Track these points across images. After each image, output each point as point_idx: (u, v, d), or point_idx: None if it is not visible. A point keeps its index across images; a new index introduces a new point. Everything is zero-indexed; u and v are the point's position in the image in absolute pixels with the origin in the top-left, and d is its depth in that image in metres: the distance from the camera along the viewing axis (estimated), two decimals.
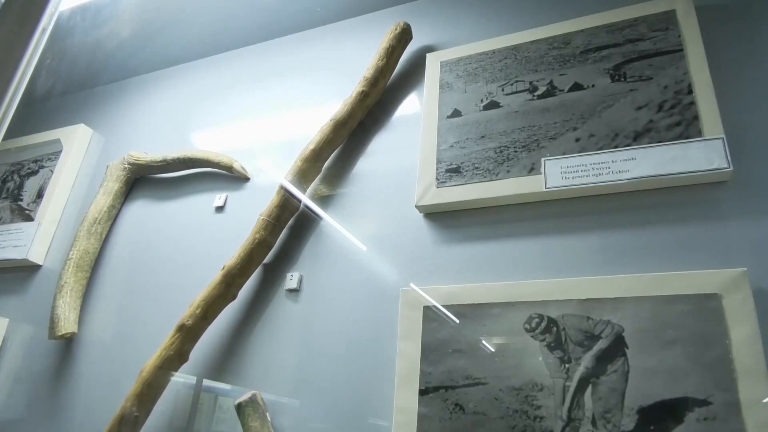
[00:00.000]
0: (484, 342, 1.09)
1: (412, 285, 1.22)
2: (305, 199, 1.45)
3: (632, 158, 1.12)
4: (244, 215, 1.54)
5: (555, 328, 1.05)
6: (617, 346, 0.99)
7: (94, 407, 1.47)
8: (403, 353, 1.16)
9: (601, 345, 1.00)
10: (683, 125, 1.12)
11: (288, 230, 1.45)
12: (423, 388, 1.10)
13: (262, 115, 1.73)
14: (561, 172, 1.17)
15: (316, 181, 1.48)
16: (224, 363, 1.37)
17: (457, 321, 1.13)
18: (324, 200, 1.47)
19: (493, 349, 1.08)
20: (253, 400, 1.22)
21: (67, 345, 1.62)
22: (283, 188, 1.41)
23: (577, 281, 1.08)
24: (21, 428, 1.56)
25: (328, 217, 1.44)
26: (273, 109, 1.73)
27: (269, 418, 1.22)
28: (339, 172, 1.49)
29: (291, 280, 1.39)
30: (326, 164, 1.49)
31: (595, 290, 1.05)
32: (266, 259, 1.43)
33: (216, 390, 1.35)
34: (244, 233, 1.40)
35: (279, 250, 1.45)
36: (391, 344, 1.19)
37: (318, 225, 1.44)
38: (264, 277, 1.43)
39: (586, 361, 1.00)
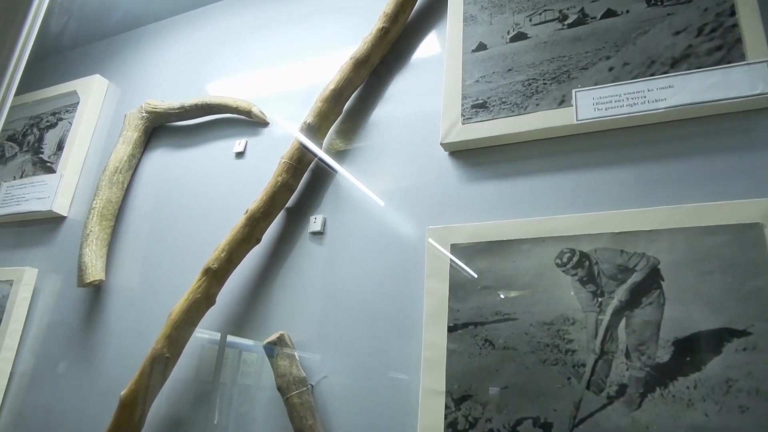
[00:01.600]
0: (513, 278, 1.07)
1: (438, 223, 1.20)
2: (325, 141, 1.42)
3: (669, 86, 1.07)
4: (264, 160, 1.52)
5: (587, 263, 1.02)
6: (652, 279, 0.97)
7: (126, 350, 1.50)
8: (430, 291, 1.14)
9: (635, 278, 0.98)
10: (725, 49, 1.06)
11: (310, 173, 1.43)
12: (452, 324, 1.10)
13: (280, 61, 1.68)
14: (593, 104, 1.12)
15: (337, 122, 1.44)
16: (250, 306, 1.38)
17: (483, 261, 1.11)
18: (346, 143, 1.43)
19: (522, 285, 1.06)
20: (281, 340, 1.23)
21: (96, 293, 1.64)
22: (303, 129, 1.38)
23: (610, 215, 1.04)
24: (56, 373, 1.60)
25: (349, 161, 1.41)
26: (291, 54, 1.68)
27: (297, 357, 1.23)
28: (361, 114, 1.45)
29: (315, 222, 1.37)
30: (347, 106, 1.45)
31: (629, 223, 1.02)
32: (289, 203, 1.41)
33: (240, 345, 1.36)
34: (266, 178, 1.38)
35: (302, 194, 1.43)
36: (417, 283, 1.18)
37: (341, 166, 1.41)
38: (287, 220, 1.42)
39: (620, 294, 0.98)
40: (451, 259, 1.15)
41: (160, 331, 1.31)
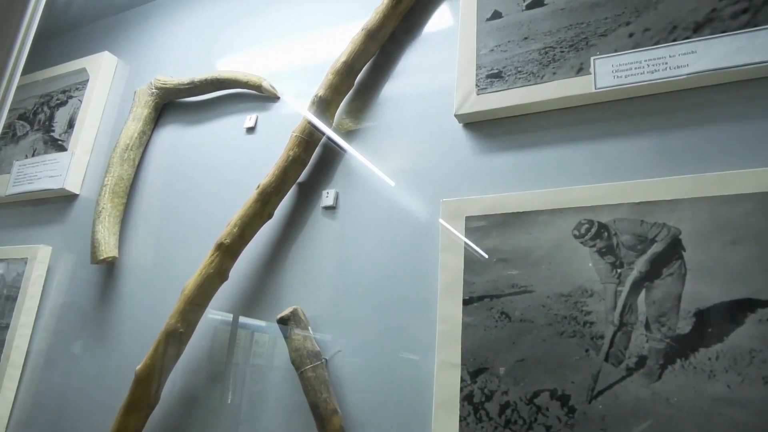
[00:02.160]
0: (530, 250, 1.05)
1: (452, 196, 1.18)
2: (337, 115, 1.40)
3: (692, 51, 1.03)
4: (275, 135, 1.50)
5: (606, 234, 1.00)
6: (673, 249, 0.94)
7: (140, 326, 1.50)
8: (445, 265, 1.13)
9: (655, 248, 0.96)
10: (750, 12, 1.02)
11: (322, 147, 1.41)
12: (467, 297, 1.08)
13: (290, 36, 1.65)
14: (612, 71, 1.09)
15: (349, 98, 1.42)
16: (263, 282, 1.37)
17: (498, 234, 1.09)
18: (359, 115, 1.41)
19: (539, 257, 1.04)
20: (294, 314, 1.22)
21: (110, 270, 1.64)
22: (315, 103, 1.36)
23: (629, 184, 1.02)
24: (71, 350, 1.61)
25: (361, 135, 1.39)
26: (301, 28, 1.64)
27: (311, 332, 1.22)
28: (373, 88, 1.42)
29: (327, 197, 1.36)
30: (359, 80, 1.43)
31: (649, 193, 0.99)
32: (301, 178, 1.40)
33: (252, 326, 1.36)
34: (277, 153, 1.37)
35: (313, 168, 1.41)
36: (432, 256, 1.17)
37: (353, 140, 1.39)
38: (299, 195, 1.41)
39: (640, 265, 0.96)
40: (465, 232, 1.13)
41: (173, 307, 1.31)
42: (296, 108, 1.48)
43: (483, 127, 1.23)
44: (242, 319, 1.37)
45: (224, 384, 1.34)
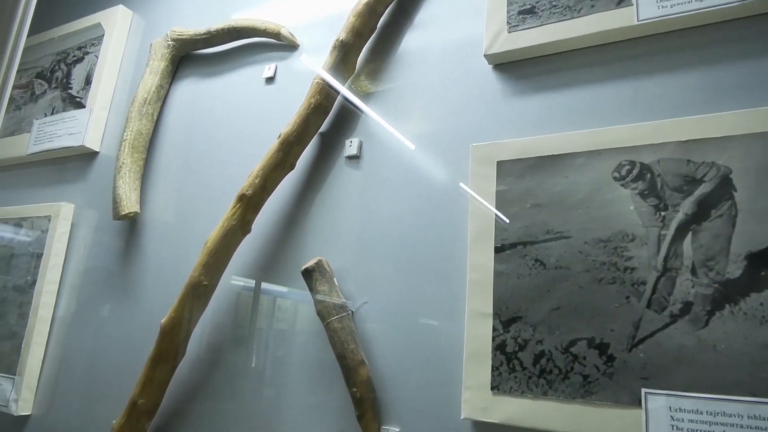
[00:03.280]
0: (566, 194, 1.00)
1: (482, 141, 1.12)
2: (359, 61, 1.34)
3: None
4: (296, 85, 1.44)
5: (649, 175, 0.94)
6: (723, 189, 0.88)
7: (164, 280, 1.49)
8: (475, 211, 1.08)
9: (703, 189, 0.89)
10: None
11: (344, 95, 1.35)
12: (499, 245, 1.04)
13: None
14: (656, 1, 1.01)
15: (372, 39, 1.35)
16: (286, 234, 1.34)
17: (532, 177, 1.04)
18: (382, 59, 1.35)
19: (576, 201, 0.99)
20: (319, 265, 1.19)
21: (132, 225, 1.63)
22: (336, 47, 1.30)
23: (675, 122, 0.95)
24: (97, 305, 1.62)
25: (386, 81, 1.33)
26: None
27: (336, 283, 1.19)
28: (396, 30, 1.35)
29: (350, 146, 1.31)
30: (382, 21, 1.36)
31: (696, 130, 0.93)
32: (323, 128, 1.35)
33: (274, 292, 1.33)
34: (298, 103, 1.32)
35: (336, 117, 1.36)
36: (461, 204, 1.12)
37: (377, 86, 1.34)
38: (322, 145, 1.36)
39: (686, 207, 0.90)
40: (497, 178, 1.07)
41: (196, 261, 1.28)
42: (317, 54, 1.42)
43: (515, 67, 1.16)
44: (264, 285, 1.35)
45: (248, 348, 1.33)
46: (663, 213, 0.91)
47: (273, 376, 1.27)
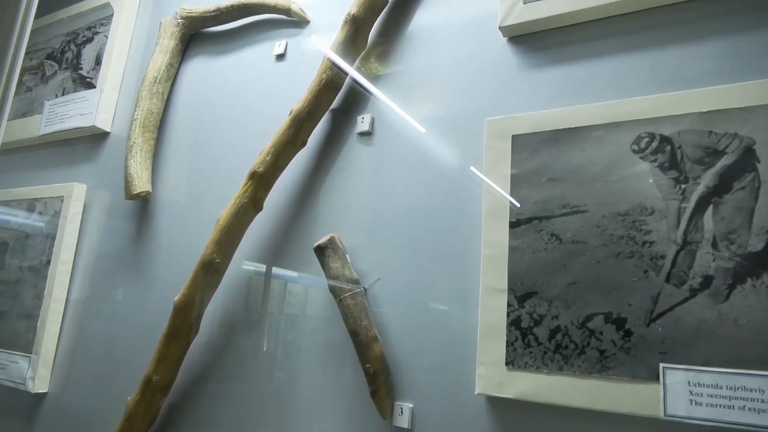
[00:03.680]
0: (583, 168, 0.98)
1: (497, 115, 1.10)
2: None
3: None
4: (306, 61, 1.43)
5: (669, 147, 0.92)
6: (746, 161, 0.86)
7: (177, 259, 1.49)
8: (489, 187, 1.07)
9: (725, 161, 0.87)
10: None
11: (356, 70, 1.33)
12: (514, 220, 1.02)
13: None
14: None
15: (385, 12, 1.33)
16: (298, 212, 1.33)
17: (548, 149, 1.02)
18: (395, 32, 1.33)
19: (594, 175, 0.97)
20: (332, 242, 1.19)
21: (144, 205, 1.63)
22: (348, 22, 1.27)
23: (695, 93, 0.92)
24: (111, 284, 1.62)
25: (397, 55, 1.30)
26: None
27: (348, 259, 1.18)
28: (409, 3, 1.33)
29: (362, 122, 1.29)
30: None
31: (718, 101, 0.90)
32: (335, 104, 1.34)
33: (285, 277, 1.33)
34: (309, 80, 1.30)
35: (347, 93, 1.34)
36: (475, 180, 1.11)
37: (389, 60, 1.32)
38: (333, 122, 1.35)
39: (707, 179, 0.88)
40: (512, 152, 1.06)
41: (209, 237, 1.28)
42: (328, 30, 1.40)
43: (530, 39, 1.14)
44: (276, 270, 1.34)
45: (259, 332, 1.32)
46: (683, 186, 0.89)
47: (284, 359, 1.27)
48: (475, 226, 1.08)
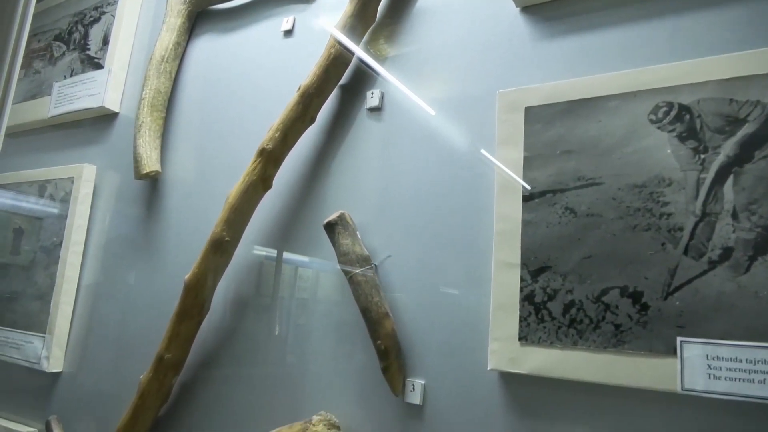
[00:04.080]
0: (599, 139, 0.95)
1: (510, 87, 1.08)
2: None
3: None
4: (315, 37, 1.41)
5: (688, 116, 0.89)
6: None
7: (187, 238, 1.49)
8: (502, 161, 1.04)
9: (747, 129, 0.84)
10: None
11: (365, 44, 1.31)
12: (527, 194, 1.00)
13: None
14: None
15: None
16: (308, 189, 1.32)
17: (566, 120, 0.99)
18: (404, 10, 1.30)
19: (610, 146, 0.94)
20: (342, 219, 1.17)
21: (154, 185, 1.62)
22: None
23: (716, 60, 0.89)
24: (122, 264, 1.63)
25: (407, 29, 1.28)
26: None
27: (359, 236, 1.17)
28: None
29: (372, 98, 1.27)
30: None
31: (739, 67, 0.87)
32: (344, 80, 1.32)
33: (296, 261, 1.32)
34: (317, 55, 1.28)
35: (356, 68, 1.32)
36: (487, 153, 1.08)
37: (398, 34, 1.29)
38: (342, 98, 1.33)
39: (727, 148, 0.85)
40: (525, 125, 1.03)
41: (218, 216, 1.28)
42: (336, 4, 1.37)
43: (543, 9, 1.10)
44: (286, 255, 1.33)
45: (271, 317, 1.32)
46: (702, 156, 0.87)
47: (296, 342, 1.26)
48: (487, 201, 1.06)
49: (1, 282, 1.87)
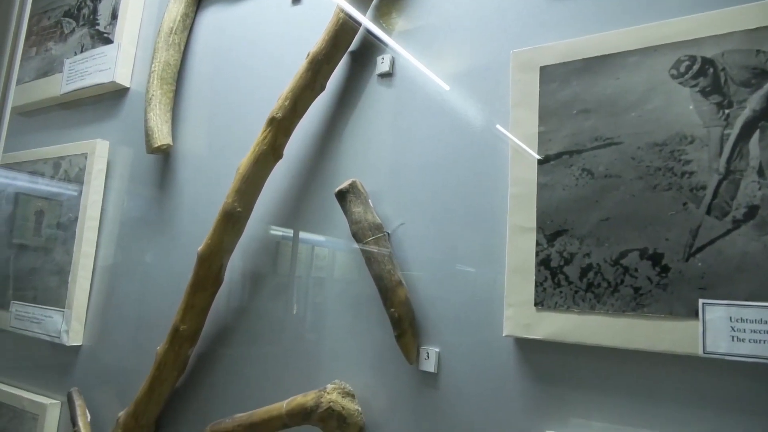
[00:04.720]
0: (617, 97, 0.92)
1: (523, 46, 1.04)
2: None
3: None
4: (323, 3, 1.37)
5: (711, 70, 0.85)
6: None
7: (200, 210, 1.49)
8: (516, 122, 1.01)
9: None
10: None
11: (375, 9, 1.28)
12: (542, 156, 0.97)
13: None
14: None
15: None
16: (319, 158, 1.30)
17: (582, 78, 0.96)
18: None
19: (629, 104, 0.91)
20: (353, 187, 1.15)
21: (166, 159, 1.62)
22: None
23: (741, 9, 0.85)
24: (137, 238, 1.63)
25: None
26: None
27: (371, 204, 1.15)
28: None
29: (382, 63, 1.24)
30: None
31: (767, 16, 0.82)
32: (353, 46, 1.28)
33: (312, 241, 1.30)
34: (326, 23, 1.25)
35: (366, 34, 1.29)
36: (501, 116, 1.05)
37: (408, 4, 1.25)
38: (352, 65, 1.30)
39: (753, 102, 0.81)
40: (540, 85, 1.00)
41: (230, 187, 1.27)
42: None
43: None
44: (302, 234, 1.32)
45: (288, 296, 1.31)
46: (727, 111, 0.83)
47: (312, 319, 1.26)
48: (502, 165, 1.04)
49: (21, 259, 1.89)
